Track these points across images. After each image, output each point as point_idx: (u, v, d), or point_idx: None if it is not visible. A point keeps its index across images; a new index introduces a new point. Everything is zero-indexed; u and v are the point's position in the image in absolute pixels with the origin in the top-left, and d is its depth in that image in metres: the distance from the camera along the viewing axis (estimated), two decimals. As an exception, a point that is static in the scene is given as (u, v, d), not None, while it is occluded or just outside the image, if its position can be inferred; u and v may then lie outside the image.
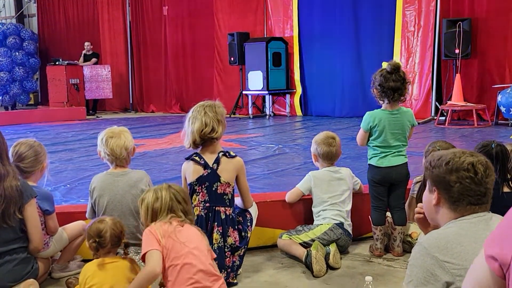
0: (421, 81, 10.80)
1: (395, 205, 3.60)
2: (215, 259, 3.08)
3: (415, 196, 3.62)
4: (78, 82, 14.34)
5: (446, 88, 10.58)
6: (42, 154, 3.27)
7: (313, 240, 3.48)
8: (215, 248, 3.11)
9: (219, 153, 3.22)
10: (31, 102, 17.49)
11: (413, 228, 3.65)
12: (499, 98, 9.20)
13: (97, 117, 13.89)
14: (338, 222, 3.60)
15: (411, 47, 10.91)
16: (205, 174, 3.17)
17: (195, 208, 3.17)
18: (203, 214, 3.15)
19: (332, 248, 3.42)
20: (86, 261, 3.27)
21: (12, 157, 3.14)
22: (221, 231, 3.14)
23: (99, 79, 14.72)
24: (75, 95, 14.29)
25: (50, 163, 3.45)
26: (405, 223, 3.61)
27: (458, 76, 9.98)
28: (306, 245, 3.50)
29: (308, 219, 3.77)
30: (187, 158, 3.26)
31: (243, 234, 3.25)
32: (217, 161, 3.19)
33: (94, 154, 7.51)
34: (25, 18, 18.76)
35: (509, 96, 8.98)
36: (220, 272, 3.09)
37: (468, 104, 9.83)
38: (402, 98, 3.54)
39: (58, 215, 3.29)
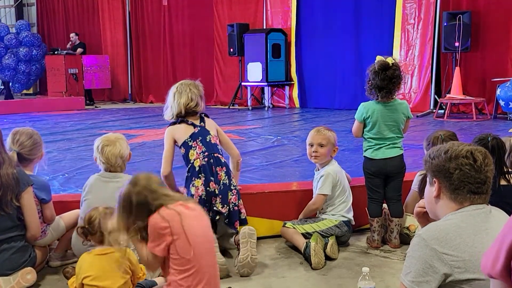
0: (420, 73, 10.79)
1: (391, 197, 3.61)
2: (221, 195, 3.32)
3: (417, 190, 3.61)
4: (77, 72, 14.31)
5: (446, 81, 10.57)
6: (41, 142, 3.28)
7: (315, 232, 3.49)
8: (221, 184, 3.34)
9: (200, 114, 3.55)
10: (30, 91, 17.45)
11: (411, 221, 3.66)
12: (498, 91, 9.20)
13: (95, 107, 13.86)
14: (347, 219, 3.61)
15: (411, 40, 10.89)
16: (196, 131, 3.44)
17: (195, 161, 3.36)
18: (204, 162, 3.36)
19: (331, 239, 3.43)
20: (83, 250, 3.27)
21: (14, 144, 3.14)
22: (225, 170, 3.42)
23: (98, 69, 14.70)
24: (74, 85, 14.27)
25: (48, 152, 3.46)
26: (402, 215, 3.62)
27: (457, 69, 9.97)
28: (309, 236, 3.48)
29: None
30: (173, 123, 3.50)
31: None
32: (203, 120, 3.52)
33: (92, 144, 7.48)
34: (24, 7, 18.69)
35: (508, 89, 8.98)
36: (223, 207, 3.32)
37: (467, 97, 9.83)
38: (390, 96, 3.52)
39: (56, 204, 3.30)
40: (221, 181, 3.37)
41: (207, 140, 3.44)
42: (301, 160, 5.90)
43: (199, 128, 3.46)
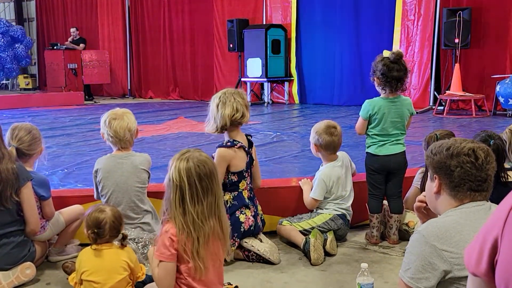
0: (420, 70, 10.78)
1: (392, 193, 3.61)
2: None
3: (418, 187, 3.61)
4: (76, 67, 14.30)
5: (445, 77, 10.57)
6: (40, 137, 3.28)
7: (313, 228, 3.49)
8: (261, 217, 3.44)
9: (246, 136, 3.42)
10: (29, 86, 17.43)
11: (410, 217, 3.66)
12: (498, 88, 9.19)
13: (95, 102, 13.85)
14: (340, 213, 3.62)
15: (410, 36, 10.87)
16: (248, 160, 3.33)
17: (243, 191, 3.32)
18: (251, 195, 3.37)
19: (330, 235, 3.44)
20: (83, 245, 3.28)
21: (13, 140, 3.14)
22: (257, 203, 3.45)
23: (97, 64, 14.68)
24: (73, 80, 14.26)
25: (47, 147, 3.45)
26: (402, 211, 3.62)
27: (457, 65, 9.96)
28: (306, 232, 3.50)
29: (304, 207, 3.77)
30: (229, 146, 3.27)
31: None
32: (251, 145, 3.41)
33: (91, 139, 7.53)
34: (23, 2, 18.64)
35: (507, 86, 8.98)
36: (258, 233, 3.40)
37: (467, 94, 9.82)
38: (403, 87, 3.52)
39: (55, 199, 3.29)
40: (260, 213, 3.45)
41: (251, 169, 3.39)
42: (300, 156, 5.90)
43: (249, 157, 3.34)
